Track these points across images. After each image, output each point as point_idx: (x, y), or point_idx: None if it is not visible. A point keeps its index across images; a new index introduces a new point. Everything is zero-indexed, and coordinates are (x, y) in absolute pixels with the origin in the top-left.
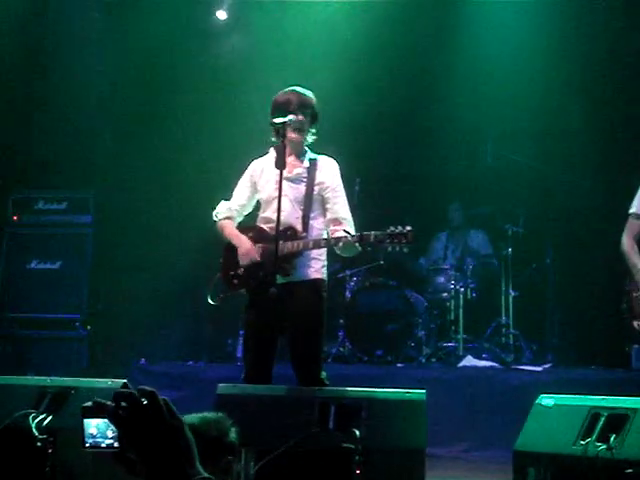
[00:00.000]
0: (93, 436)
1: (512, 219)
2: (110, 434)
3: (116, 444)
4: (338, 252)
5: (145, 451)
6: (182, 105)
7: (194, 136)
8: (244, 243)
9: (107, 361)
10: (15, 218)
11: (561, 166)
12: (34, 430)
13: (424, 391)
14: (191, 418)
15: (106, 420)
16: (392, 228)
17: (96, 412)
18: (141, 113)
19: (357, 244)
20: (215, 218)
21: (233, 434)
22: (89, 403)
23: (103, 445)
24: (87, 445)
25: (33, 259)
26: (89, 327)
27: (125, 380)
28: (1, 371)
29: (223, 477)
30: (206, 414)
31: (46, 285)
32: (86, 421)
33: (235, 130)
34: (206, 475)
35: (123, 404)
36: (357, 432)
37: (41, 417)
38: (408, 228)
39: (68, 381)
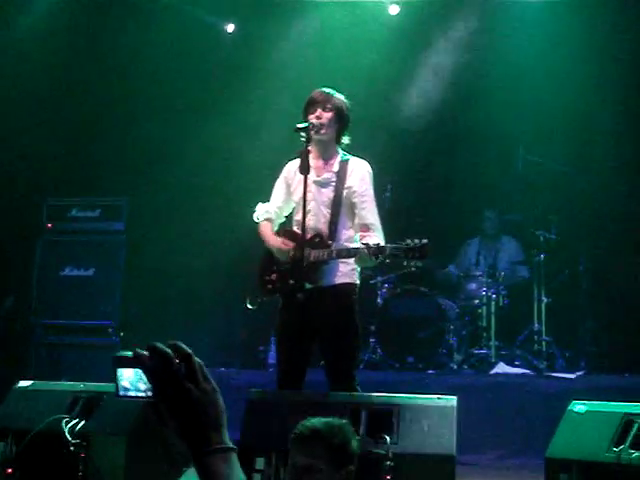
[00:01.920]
0: (125, 388)
1: (544, 225)
2: (142, 386)
3: (149, 393)
4: (355, 262)
5: (174, 409)
6: (216, 109)
7: (228, 139)
8: (278, 243)
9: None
10: (49, 226)
11: (595, 171)
12: (67, 435)
13: (455, 397)
14: (315, 422)
15: (138, 370)
16: (408, 241)
17: (129, 362)
18: (173, 119)
19: (373, 257)
20: (256, 220)
21: (355, 442)
22: (123, 353)
23: (136, 395)
24: (120, 394)
25: (67, 266)
26: (122, 334)
27: None
28: (35, 377)
29: None
30: (330, 420)
31: (79, 292)
32: (119, 371)
33: (272, 132)
34: (230, 445)
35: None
36: (387, 438)
37: (74, 422)
38: (424, 241)
39: (101, 387)
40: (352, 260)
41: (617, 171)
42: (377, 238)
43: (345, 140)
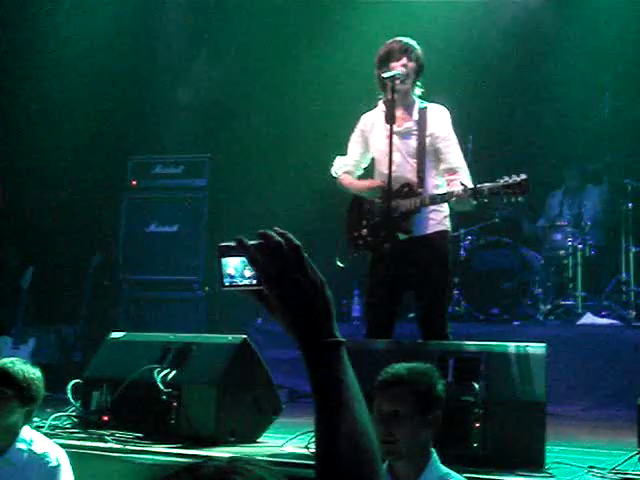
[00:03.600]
0: (231, 276)
1: (632, 173)
2: (248, 274)
3: (254, 281)
4: (453, 207)
5: (283, 299)
6: (296, 67)
7: (307, 95)
8: (367, 183)
9: (225, 321)
10: (134, 182)
11: None
12: (159, 384)
13: (544, 345)
14: (399, 367)
15: (244, 259)
16: (506, 178)
17: (234, 252)
18: (256, 77)
19: (471, 198)
20: (334, 174)
21: (441, 386)
22: (229, 243)
23: (240, 284)
24: (226, 285)
25: (151, 222)
26: (207, 288)
27: (245, 335)
28: (124, 331)
29: (431, 430)
30: (414, 364)
31: (164, 248)
32: (224, 260)
33: (347, 85)
34: (340, 339)
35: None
36: (476, 385)
37: (165, 372)
38: (523, 177)
39: (190, 337)
40: (444, 207)
41: None
42: (466, 180)
43: (418, 90)
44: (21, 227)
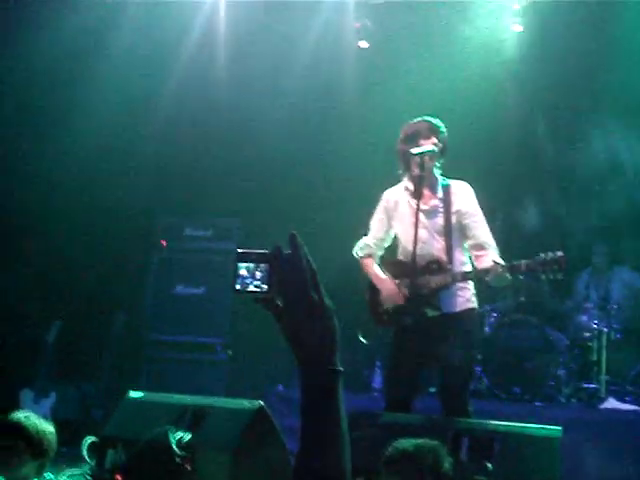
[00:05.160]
0: (242, 277)
1: None
2: (258, 275)
3: (264, 287)
4: (488, 282)
5: (293, 314)
6: (327, 146)
7: (335, 170)
8: (386, 284)
9: (245, 385)
10: (164, 243)
11: None
12: (174, 446)
13: (560, 428)
14: (405, 443)
15: (257, 263)
16: (542, 255)
17: (254, 258)
18: (287, 140)
19: (507, 274)
20: (356, 255)
21: (448, 464)
22: (247, 249)
23: (251, 288)
24: (237, 288)
25: (179, 284)
26: (230, 352)
27: (261, 402)
28: (146, 391)
29: None
30: (422, 441)
31: (190, 309)
32: (239, 264)
33: (368, 161)
34: (340, 369)
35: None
36: (489, 465)
37: (181, 434)
38: (559, 254)
39: (207, 400)
40: (471, 285)
41: None
42: (495, 256)
43: (437, 170)
44: (46, 280)
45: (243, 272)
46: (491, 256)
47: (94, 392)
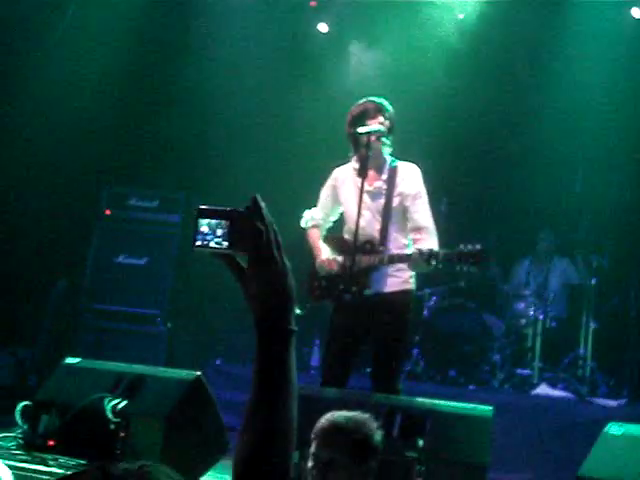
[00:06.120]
0: (203, 234)
1: (598, 250)
2: (219, 232)
3: (225, 244)
4: (409, 268)
5: (254, 269)
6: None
7: (287, 139)
8: (322, 254)
9: (184, 357)
10: (108, 212)
11: None
12: (108, 413)
13: (491, 408)
14: (337, 416)
15: (220, 221)
16: (462, 247)
17: (215, 215)
18: (236, 117)
19: (425, 262)
20: (303, 225)
21: (378, 437)
22: (209, 206)
23: (212, 244)
24: (197, 244)
25: (121, 253)
26: (169, 324)
27: (199, 372)
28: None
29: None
30: (354, 414)
31: (131, 280)
32: (200, 221)
33: (320, 136)
34: (294, 328)
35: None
36: (420, 442)
37: (116, 401)
38: (478, 247)
39: (144, 369)
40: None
41: None
42: (431, 241)
43: (388, 149)
44: None
45: (204, 229)
46: (426, 241)
47: (30, 359)
